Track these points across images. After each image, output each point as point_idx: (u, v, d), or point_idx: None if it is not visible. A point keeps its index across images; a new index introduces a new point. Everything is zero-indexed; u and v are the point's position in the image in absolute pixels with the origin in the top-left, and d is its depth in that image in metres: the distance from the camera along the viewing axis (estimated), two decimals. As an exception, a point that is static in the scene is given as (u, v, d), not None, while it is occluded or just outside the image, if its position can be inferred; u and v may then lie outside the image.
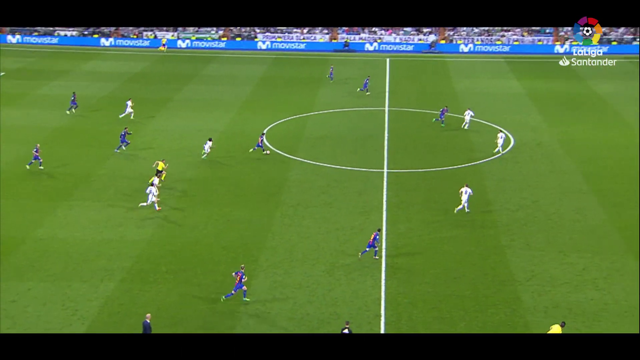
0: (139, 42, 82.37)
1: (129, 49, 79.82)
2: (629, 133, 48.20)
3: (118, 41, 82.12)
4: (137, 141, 46.52)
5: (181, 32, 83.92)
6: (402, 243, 32.28)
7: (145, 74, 67.67)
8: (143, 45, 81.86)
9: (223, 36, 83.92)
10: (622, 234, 32.67)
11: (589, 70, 68.88)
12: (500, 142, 43.86)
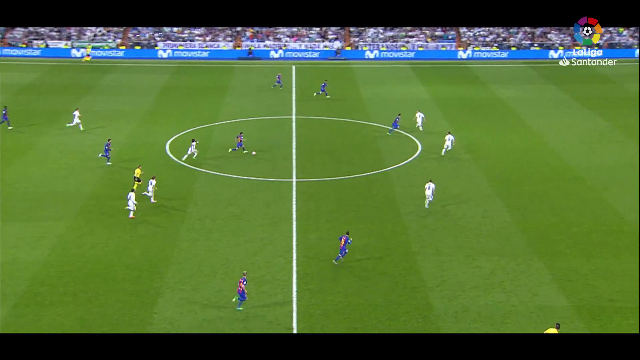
0: (28, 52, 79.19)
1: (18, 59, 76.59)
2: (530, 137, 50.50)
3: (5, 50, 78.64)
4: (29, 157, 44.63)
5: (75, 40, 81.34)
6: (313, 253, 32.44)
7: (37, 85, 65.11)
8: (33, 55, 78.74)
9: (121, 45, 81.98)
10: (526, 235, 34.13)
11: (492, 75, 71.85)
12: (448, 144, 45.28)
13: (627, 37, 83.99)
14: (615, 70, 73.84)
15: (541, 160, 45.19)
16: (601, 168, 43.35)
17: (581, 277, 30.07)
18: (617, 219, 35.79)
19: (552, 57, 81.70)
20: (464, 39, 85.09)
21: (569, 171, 43.01)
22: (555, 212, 36.78)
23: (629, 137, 49.43)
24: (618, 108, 57.66)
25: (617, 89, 64.97)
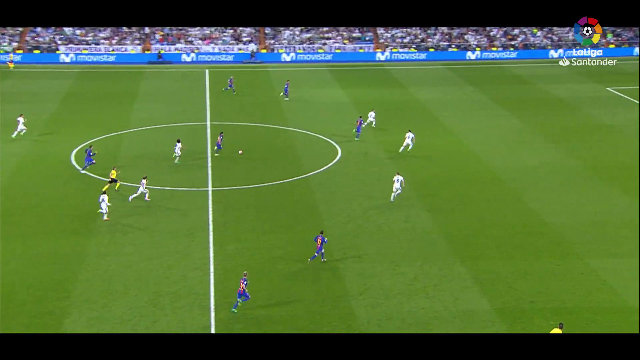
0: None
1: None
2: (450, 139, 51.79)
3: None
4: None
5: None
6: (231, 265, 32.13)
7: None
8: None
9: (18, 48, 79.00)
10: (448, 239, 34.93)
11: (411, 77, 73.34)
12: (408, 142, 46.79)
13: (541, 38, 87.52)
14: (530, 71, 76.80)
15: (462, 162, 46.39)
16: (520, 169, 44.88)
17: (503, 279, 30.99)
18: (536, 220, 37.12)
19: (470, 58, 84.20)
20: (381, 41, 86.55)
21: (489, 173, 44.33)
22: (476, 215, 37.80)
23: (546, 138, 51.42)
24: (534, 109, 59.92)
25: (533, 90, 67.53)
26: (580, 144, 50.13)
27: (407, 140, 47.28)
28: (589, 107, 60.54)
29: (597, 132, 53.18)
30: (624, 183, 42.12)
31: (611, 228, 35.90)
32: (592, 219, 37.13)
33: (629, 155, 47.44)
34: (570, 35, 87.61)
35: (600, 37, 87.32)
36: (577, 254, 33.18)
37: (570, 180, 42.88)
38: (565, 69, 77.34)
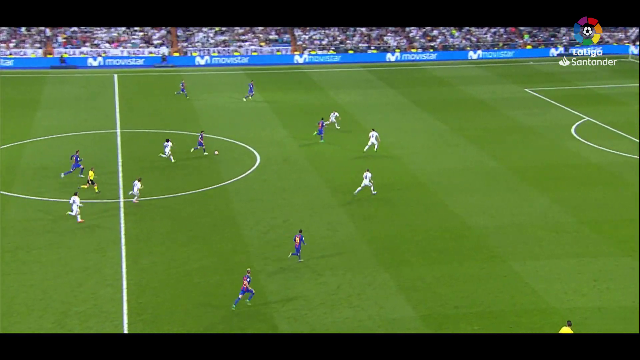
0: None
1: None
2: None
3: None
4: None
5: None
6: (146, 280, 31.54)
7: None
8: None
9: None
10: (372, 246, 35.36)
11: (330, 80, 73.94)
12: (373, 140, 48.26)
13: (460, 39, 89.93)
14: (450, 72, 78.76)
15: (384, 166, 47.06)
16: (442, 172, 45.90)
17: (427, 285, 31.59)
18: (459, 223, 38.04)
19: (389, 60, 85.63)
20: (299, 43, 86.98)
21: (411, 177, 45.15)
22: (400, 220, 38.43)
23: (467, 140, 52.79)
24: (455, 111, 61.44)
25: (454, 92, 69.25)
26: (501, 145, 51.69)
27: (372, 139, 48.60)
28: (509, 108, 62.56)
29: (517, 133, 54.98)
30: (543, 184, 43.70)
31: (531, 230, 37.17)
32: (513, 221, 38.34)
33: (547, 156, 49.24)
34: (488, 36, 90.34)
35: (519, 38, 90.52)
36: (500, 257, 34.17)
37: (491, 183, 44.17)
38: (483, 71, 79.73)
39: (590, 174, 45.52)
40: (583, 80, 73.99)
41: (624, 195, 41.81)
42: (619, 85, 71.76)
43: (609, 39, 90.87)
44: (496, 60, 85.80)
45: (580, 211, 39.35)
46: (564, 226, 37.44)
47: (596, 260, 33.65)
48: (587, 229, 37.00)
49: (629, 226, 37.41)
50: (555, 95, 66.91)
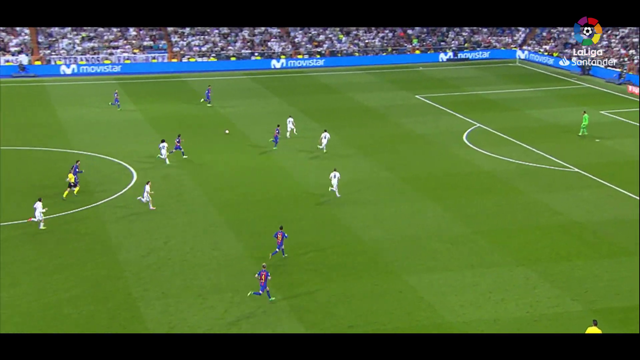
0: None
1: None
2: (258, 154, 52.45)
3: None
4: None
5: None
6: (5, 316, 30.17)
7: None
8: None
9: None
10: (260, 264, 35.19)
11: (213, 90, 73.55)
12: (324, 142, 51.51)
13: (347, 44, 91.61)
14: (338, 79, 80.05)
15: (271, 179, 47.17)
16: (328, 185, 46.40)
17: (320, 305, 31.80)
18: (353, 238, 38.58)
19: (275, 66, 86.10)
20: (176, 49, 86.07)
21: (301, 190, 45.44)
22: (290, 237, 38.48)
23: (358, 150, 53.69)
24: (345, 119, 62.42)
25: (343, 100, 70.35)
26: (393, 155, 52.91)
27: (324, 140, 51.86)
28: (400, 115, 64.18)
29: (409, 141, 56.46)
30: (437, 193, 45.03)
31: (426, 242, 38.19)
32: (408, 233, 39.27)
33: (440, 165, 50.81)
34: (376, 41, 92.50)
35: (408, 43, 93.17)
36: (395, 272, 34.88)
37: (384, 194, 45.09)
38: (372, 77, 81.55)
39: (483, 182, 47.31)
40: (473, 86, 76.95)
41: (516, 203, 43.69)
42: (508, 91, 75.09)
43: (497, 44, 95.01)
44: (385, 66, 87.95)
45: (475, 221, 40.79)
46: (459, 237, 38.69)
47: (491, 271, 34.94)
48: (482, 239, 38.39)
49: (523, 234, 39.10)
50: (446, 102, 69.22)
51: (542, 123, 62.00)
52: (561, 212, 42.05)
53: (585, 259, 36.10)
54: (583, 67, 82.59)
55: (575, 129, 59.09)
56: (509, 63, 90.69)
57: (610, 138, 57.09)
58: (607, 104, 68.50)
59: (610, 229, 39.74)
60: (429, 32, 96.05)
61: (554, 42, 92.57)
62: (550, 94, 73.51)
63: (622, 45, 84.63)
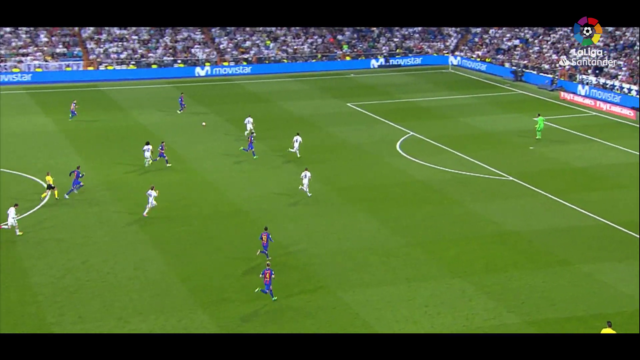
0: None
1: None
2: (183, 169, 51.92)
3: None
4: None
5: None
6: None
7: None
8: None
9: None
10: (187, 284, 34.88)
11: (131, 98, 72.63)
12: (296, 146, 53.40)
13: (275, 50, 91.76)
14: (265, 87, 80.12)
15: (197, 195, 46.77)
16: (264, 198, 46.33)
17: (251, 325, 31.57)
18: (284, 253, 38.51)
19: (199, 74, 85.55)
20: (92, 57, 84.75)
21: (229, 205, 45.18)
22: (218, 253, 38.26)
23: (288, 161, 53.68)
24: (274, 129, 62.35)
25: (272, 109, 70.35)
26: (325, 165, 53.11)
27: (295, 144, 53.69)
28: (331, 124, 64.52)
29: (341, 151, 56.78)
30: (371, 205, 45.38)
31: (361, 255, 38.40)
32: (341, 246, 39.42)
33: (374, 175, 51.24)
34: (305, 47, 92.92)
35: (338, 49, 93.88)
36: (328, 287, 34.94)
37: (317, 206, 45.19)
38: (302, 84, 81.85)
39: (417, 192, 47.90)
40: (406, 93, 78.00)
41: (451, 213, 44.36)
42: (441, 98, 76.37)
43: (429, 49, 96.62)
44: (315, 73, 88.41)
45: (410, 232, 41.25)
46: (394, 249, 39.03)
47: (427, 284, 35.34)
48: (417, 251, 38.82)
49: (458, 246, 39.71)
50: (378, 110, 69.94)
51: (476, 130, 63.22)
52: (496, 222, 42.88)
53: (521, 270, 36.87)
54: (516, 73, 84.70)
55: (509, 137, 60.46)
56: (442, 69, 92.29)
57: (545, 145, 58.58)
58: (540, 111, 70.26)
59: (545, 238, 40.71)
60: (360, 37, 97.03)
61: (486, 47, 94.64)
62: (484, 101, 75.08)
63: (553, 50, 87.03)
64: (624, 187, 48.98)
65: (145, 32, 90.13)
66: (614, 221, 42.66)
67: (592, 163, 54.28)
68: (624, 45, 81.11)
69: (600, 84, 75.96)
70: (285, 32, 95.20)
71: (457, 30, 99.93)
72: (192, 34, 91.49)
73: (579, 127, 63.48)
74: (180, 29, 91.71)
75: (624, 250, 39.15)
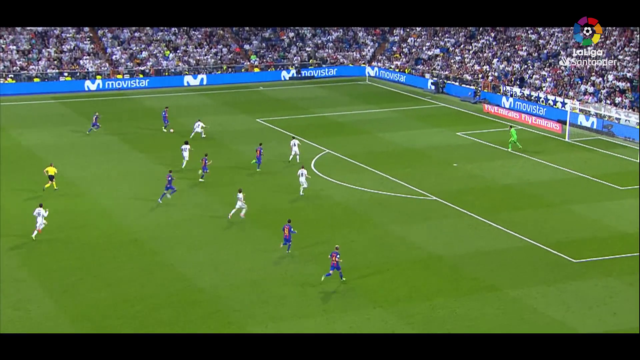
0: None
1: None
2: (72, 194, 50.76)
3: None
4: None
5: None
6: None
7: None
8: None
9: None
10: (78, 325, 34.03)
11: (11, 115, 70.85)
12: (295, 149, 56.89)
13: (174, 61, 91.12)
14: (165, 102, 79.38)
15: (90, 222, 45.84)
16: (162, 226, 45.72)
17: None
18: (188, 285, 37.99)
19: (89, 88, 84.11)
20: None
21: (124, 233, 44.39)
22: (110, 289, 37.45)
23: (191, 185, 53.14)
24: (175, 149, 61.60)
25: (171, 126, 69.58)
26: (230, 187, 52.57)
27: (294, 148, 56.87)
28: (239, 142, 64.34)
29: (249, 172, 56.53)
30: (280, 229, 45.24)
31: (273, 286, 38.17)
32: (250, 277, 39.12)
33: (287, 198, 51.10)
34: (208, 57, 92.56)
35: (245, 60, 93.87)
36: (238, 323, 34.58)
37: (222, 233, 44.83)
38: (206, 99, 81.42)
39: (334, 215, 48.07)
40: (320, 107, 78.52)
41: (371, 237, 44.62)
42: (358, 112, 77.12)
43: (344, 60, 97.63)
44: (221, 86, 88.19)
45: (326, 259, 41.17)
46: (310, 279, 38.94)
47: (346, 316, 35.35)
48: (335, 280, 38.83)
49: (379, 273, 39.90)
50: (290, 126, 70.12)
51: (396, 147, 64.02)
52: (420, 246, 43.38)
53: (446, 297, 37.32)
54: (437, 85, 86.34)
55: (431, 153, 61.45)
56: (358, 81, 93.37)
57: (469, 162, 59.73)
58: (463, 125, 71.75)
59: (471, 262, 41.37)
60: (269, 47, 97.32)
61: (405, 57, 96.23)
62: (404, 115, 76.20)
63: (475, 60, 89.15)
64: (552, 205, 50.29)
65: (25, 41, 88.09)
66: (542, 242, 43.70)
67: (518, 180, 55.60)
68: (548, 55, 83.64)
69: (525, 96, 78.04)
70: (187, 42, 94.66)
71: (373, 39, 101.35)
72: (81, 43, 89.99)
73: (504, 142, 65.04)
74: (67, 38, 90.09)
75: (553, 273, 40.12)
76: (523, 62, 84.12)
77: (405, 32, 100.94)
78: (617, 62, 76.07)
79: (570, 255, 41.90)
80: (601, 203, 50.74)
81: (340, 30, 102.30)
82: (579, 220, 47.47)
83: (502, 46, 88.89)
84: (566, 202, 50.55)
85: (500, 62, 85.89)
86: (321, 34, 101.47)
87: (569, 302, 36.74)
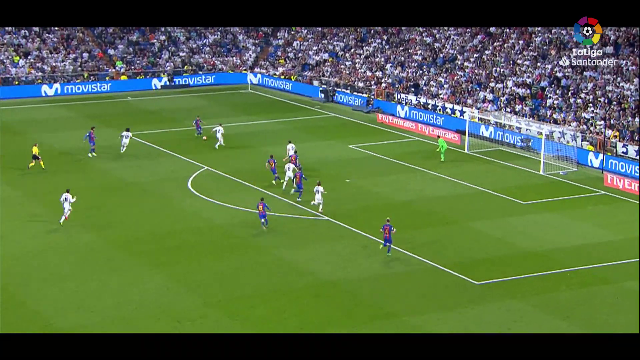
0: None
1: None
2: None
3: None
4: None
5: None
6: None
7: None
8: None
9: None
10: None
11: None
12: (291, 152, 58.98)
13: (26, 68, 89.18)
14: (16, 115, 77.54)
15: None
16: (19, 257, 44.64)
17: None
18: (44, 326, 37.05)
19: None
20: None
21: (-28, 267, 43.16)
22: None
23: (49, 209, 51.97)
24: (27, 169, 60.31)
25: (27, 142, 67.92)
26: (96, 211, 51.93)
27: (291, 151, 58.54)
28: (104, 160, 63.42)
29: (117, 193, 55.82)
30: (157, 259, 44.77)
31: (147, 321, 37.67)
32: (121, 312, 38.47)
33: (161, 222, 50.59)
34: (66, 63, 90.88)
35: (110, 66, 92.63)
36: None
37: (86, 264, 43.97)
38: (65, 111, 79.92)
39: (215, 240, 47.85)
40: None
41: (257, 263, 44.53)
42: (239, 124, 77.05)
43: (223, 66, 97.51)
44: (81, 97, 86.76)
45: (207, 290, 41.01)
46: (187, 312, 38.59)
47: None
48: (217, 313, 38.59)
49: (266, 303, 39.80)
50: (163, 140, 69.58)
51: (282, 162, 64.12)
52: (311, 271, 43.57)
53: (339, 327, 37.45)
54: (326, 93, 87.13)
55: (322, 167, 61.84)
56: (240, 89, 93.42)
57: (363, 177, 60.43)
58: (356, 136, 72.58)
59: (368, 287, 41.77)
60: (137, 52, 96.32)
61: (290, 63, 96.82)
62: (291, 126, 76.54)
63: (367, 66, 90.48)
64: (452, 222, 51.33)
65: None
66: (442, 263, 44.51)
67: (416, 196, 56.54)
68: (444, 60, 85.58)
69: (421, 104, 79.54)
70: (40, 46, 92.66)
71: (255, 43, 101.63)
72: None
73: (400, 154, 66.08)
74: None
75: (454, 297, 40.88)
76: (418, 68, 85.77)
77: (290, 35, 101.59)
78: (517, 68, 78.33)
79: (472, 277, 42.81)
80: (504, 219, 52.07)
81: (218, 33, 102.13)
82: (481, 239, 48.59)
83: (396, 50, 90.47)
84: (467, 219, 51.66)
85: (394, 68, 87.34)
86: (196, 37, 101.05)
87: (471, 327, 37.49)
